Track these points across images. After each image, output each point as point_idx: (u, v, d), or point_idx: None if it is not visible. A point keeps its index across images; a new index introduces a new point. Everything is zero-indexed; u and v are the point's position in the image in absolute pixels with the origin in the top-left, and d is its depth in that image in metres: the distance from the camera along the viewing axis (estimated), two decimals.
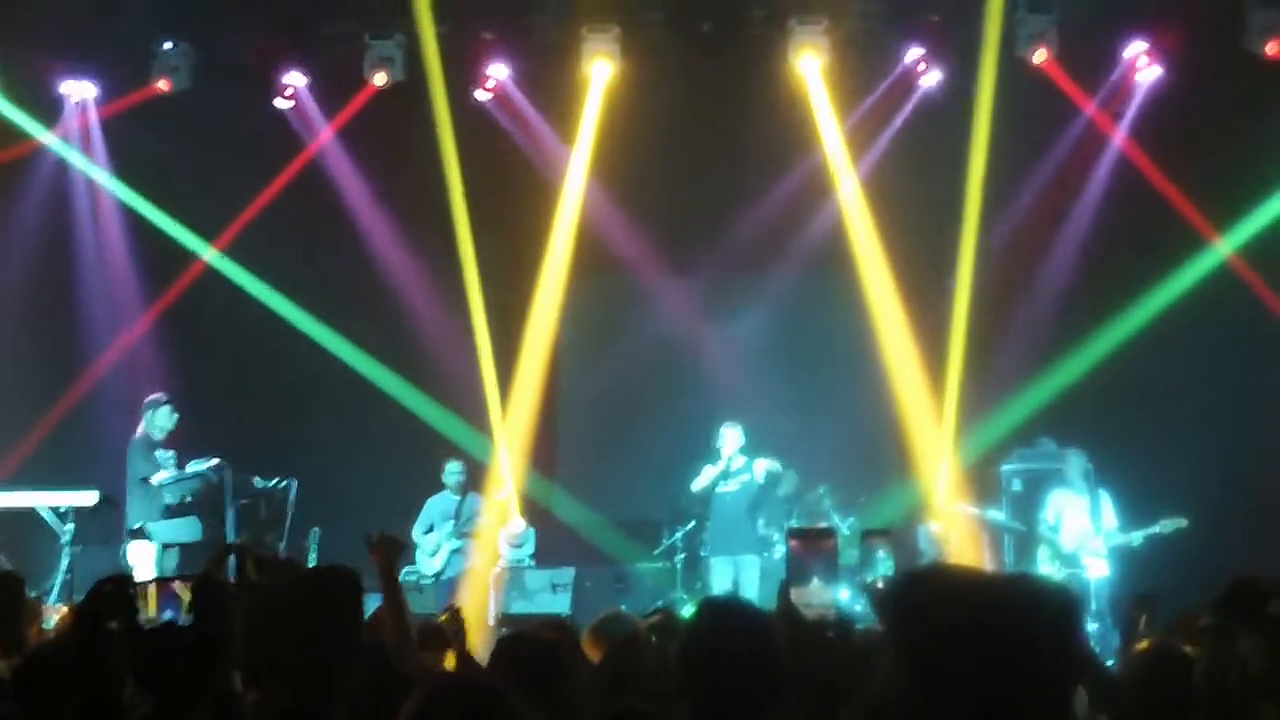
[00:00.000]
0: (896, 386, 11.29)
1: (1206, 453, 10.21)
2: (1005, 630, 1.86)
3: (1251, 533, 9.50)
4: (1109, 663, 4.92)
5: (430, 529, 10.44)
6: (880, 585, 3.92)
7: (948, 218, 11.12)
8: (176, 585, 3.30)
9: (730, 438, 9.92)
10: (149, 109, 11.11)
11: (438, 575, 10.36)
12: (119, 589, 3.30)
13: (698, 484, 9.96)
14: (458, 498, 10.50)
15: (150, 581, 3.34)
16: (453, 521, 10.39)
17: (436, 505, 10.50)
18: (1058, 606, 1.95)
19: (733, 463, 9.90)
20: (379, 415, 11.36)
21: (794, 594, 3.54)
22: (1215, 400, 10.61)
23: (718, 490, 9.95)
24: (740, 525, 9.92)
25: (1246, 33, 10.21)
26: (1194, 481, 9.87)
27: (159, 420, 9.68)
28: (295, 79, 11.26)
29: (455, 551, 10.39)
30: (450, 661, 4.38)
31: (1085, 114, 11.10)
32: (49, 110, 11.40)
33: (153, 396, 9.83)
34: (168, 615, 3.31)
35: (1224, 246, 10.96)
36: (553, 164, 11.74)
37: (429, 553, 10.40)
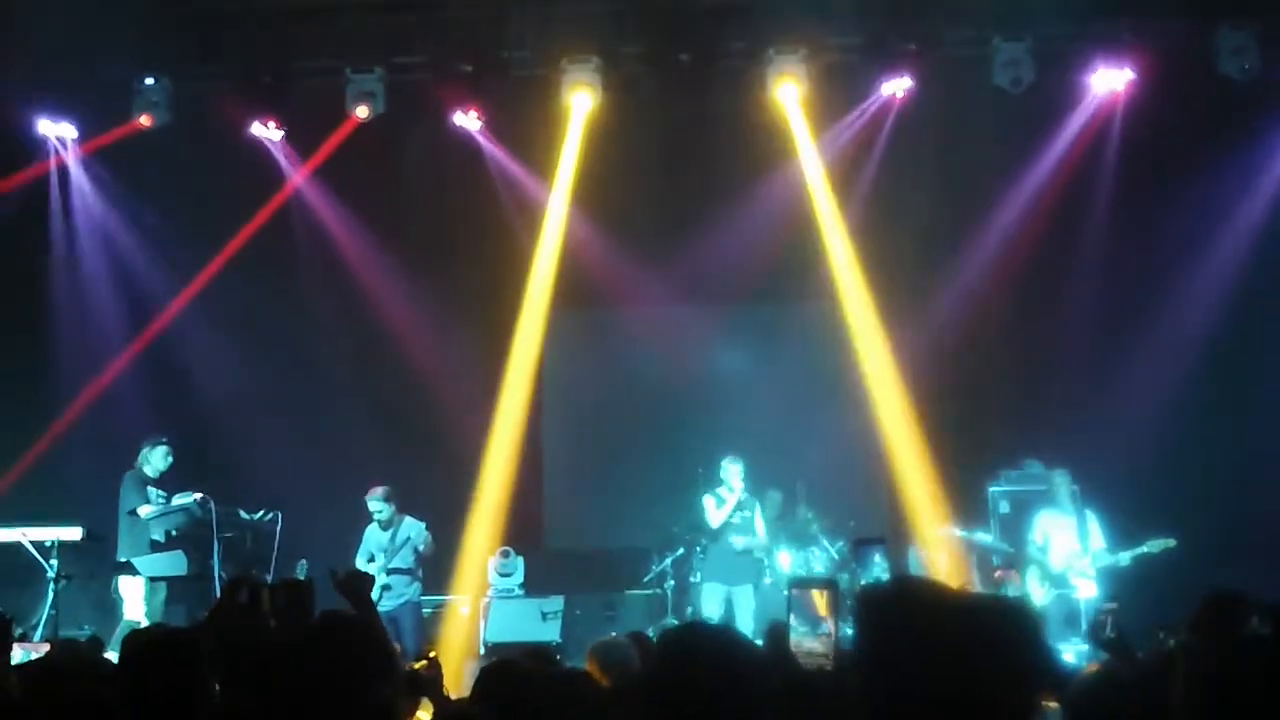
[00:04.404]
0: (881, 412, 11.32)
1: (1194, 472, 10.22)
2: (967, 643, 1.87)
3: (1240, 551, 9.47)
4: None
5: (371, 558, 9.77)
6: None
7: (928, 243, 11.20)
8: None
9: (735, 472, 10.04)
10: (130, 144, 11.11)
11: None
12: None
13: (715, 519, 9.99)
14: (386, 532, 9.84)
15: None
16: (383, 554, 9.71)
17: (373, 536, 9.88)
18: (1018, 623, 1.96)
19: (740, 496, 10.02)
20: (362, 446, 11.30)
21: (792, 641, 3.47)
22: (1202, 419, 10.63)
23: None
24: (742, 556, 10.03)
25: (1218, 56, 10.34)
26: (1182, 501, 9.87)
27: (154, 459, 9.77)
28: (276, 117, 11.28)
29: (384, 587, 9.46)
30: (427, 710, 4.25)
31: (1062, 138, 11.20)
32: (29, 146, 11.41)
33: (152, 437, 9.88)
34: None
35: (1206, 265, 11.05)
36: (534, 195, 11.78)
37: None
